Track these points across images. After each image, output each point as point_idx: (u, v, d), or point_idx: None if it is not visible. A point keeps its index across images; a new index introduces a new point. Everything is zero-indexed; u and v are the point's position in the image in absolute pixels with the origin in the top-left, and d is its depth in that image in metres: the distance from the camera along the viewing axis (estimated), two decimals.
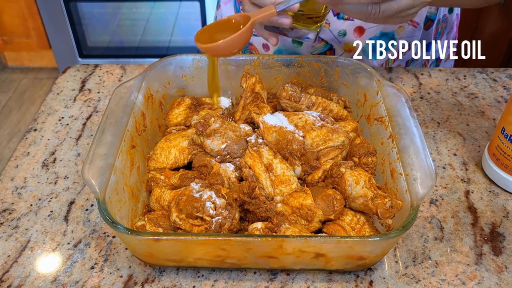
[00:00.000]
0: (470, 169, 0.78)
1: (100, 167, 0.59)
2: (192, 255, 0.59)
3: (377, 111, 0.73)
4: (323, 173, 0.67)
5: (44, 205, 0.72)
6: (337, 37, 0.92)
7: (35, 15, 2.42)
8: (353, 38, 0.92)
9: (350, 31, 0.91)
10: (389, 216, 0.59)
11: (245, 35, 0.63)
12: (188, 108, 0.79)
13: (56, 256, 0.65)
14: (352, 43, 0.93)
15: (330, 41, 0.93)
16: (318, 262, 0.58)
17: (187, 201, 0.59)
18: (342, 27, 0.91)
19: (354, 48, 0.94)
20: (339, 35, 0.91)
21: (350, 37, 0.92)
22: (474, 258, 0.64)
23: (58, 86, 0.97)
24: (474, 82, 0.97)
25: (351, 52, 0.95)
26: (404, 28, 0.93)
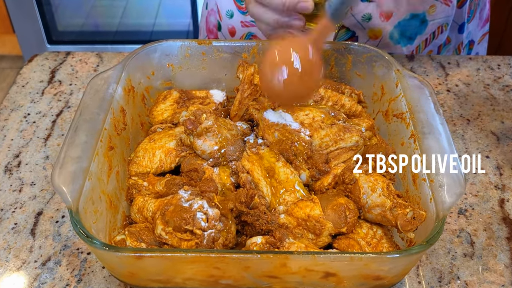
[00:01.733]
0: (505, 174, 0.78)
1: (73, 172, 0.59)
2: (181, 275, 0.59)
3: (396, 106, 0.73)
4: (334, 179, 0.67)
5: (7, 217, 0.72)
6: (361, 22, 0.92)
7: None
8: (379, 22, 0.93)
9: (376, 15, 0.92)
10: (410, 229, 0.59)
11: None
12: (175, 103, 0.79)
13: (21, 276, 0.65)
14: (377, 29, 0.94)
15: (353, 28, 0.94)
16: (328, 283, 0.59)
17: (175, 212, 0.60)
18: (366, 10, 0.91)
19: (380, 35, 0.95)
20: (363, 19, 0.92)
21: (376, 21, 0.93)
22: (510, 278, 0.65)
23: (23, 77, 0.97)
24: (509, 72, 0.97)
25: (377, 39, 0.96)
26: (436, 8, 0.94)
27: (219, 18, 1.03)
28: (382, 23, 0.93)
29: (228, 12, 0.99)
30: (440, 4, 0.94)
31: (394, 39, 0.96)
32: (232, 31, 1.01)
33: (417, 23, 0.95)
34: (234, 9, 0.98)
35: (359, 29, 0.94)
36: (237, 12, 0.98)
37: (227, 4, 0.99)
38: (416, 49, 0.99)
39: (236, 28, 1.00)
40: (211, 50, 0.81)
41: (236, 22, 0.99)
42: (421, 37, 0.97)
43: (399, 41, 0.97)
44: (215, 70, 0.83)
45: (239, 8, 0.97)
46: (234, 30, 1.01)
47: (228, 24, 1.01)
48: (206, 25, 1.10)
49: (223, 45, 0.81)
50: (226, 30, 1.02)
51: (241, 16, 0.98)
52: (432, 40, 0.99)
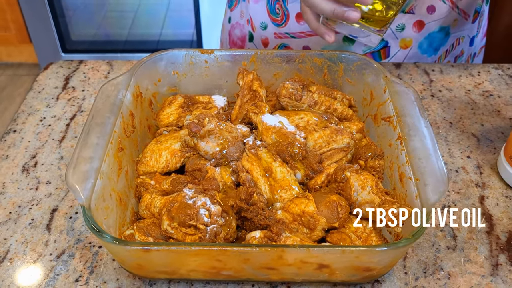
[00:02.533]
0: (485, 173, 0.78)
1: (85, 171, 0.59)
2: (185, 267, 0.59)
3: (384, 110, 0.73)
4: (327, 178, 0.67)
5: (25, 213, 0.72)
6: (395, 32, 0.93)
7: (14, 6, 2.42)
8: (411, 32, 0.94)
9: (409, 25, 0.93)
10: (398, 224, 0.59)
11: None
12: (180, 107, 0.79)
13: (38, 268, 0.65)
14: (409, 39, 0.94)
15: (386, 37, 0.94)
16: (322, 274, 0.59)
17: (180, 208, 0.59)
18: (401, 20, 0.92)
19: (410, 45, 0.95)
20: (397, 29, 0.92)
21: (408, 31, 0.94)
22: (489, 269, 0.65)
23: (39, 84, 0.97)
24: (489, 78, 0.97)
25: (407, 48, 0.96)
26: (458, 22, 0.96)
27: (251, 30, 1.02)
28: (414, 33, 0.94)
29: (262, 24, 0.99)
30: (461, 18, 0.96)
31: (422, 49, 0.97)
32: (265, 42, 1.01)
33: (443, 36, 0.96)
34: (268, 21, 0.98)
35: (392, 39, 0.95)
36: (271, 24, 0.98)
37: (261, 17, 0.98)
38: (438, 59, 1.01)
39: (269, 40, 1.00)
40: (213, 58, 0.81)
41: (269, 33, 0.99)
42: (443, 48, 0.99)
43: (427, 51, 0.98)
44: (217, 77, 0.83)
45: (274, 20, 0.97)
46: (267, 41, 1.00)
47: (262, 35, 1.00)
48: (229, 37, 1.09)
49: (224, 54, 0.81)
50: (259, 41, 1.01)
51: (274, 28, 0.98)
52: (451, 51, 1.01)
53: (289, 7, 0.94)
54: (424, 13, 0.92)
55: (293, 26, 0.95)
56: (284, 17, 0.94)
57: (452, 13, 0.94)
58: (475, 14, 0.99)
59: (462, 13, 0.95)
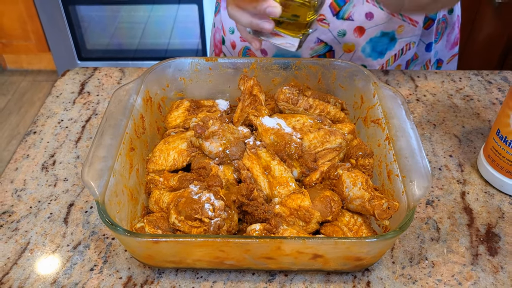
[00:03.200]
0: (466, 171, 0.78)
1: (99, 169, 0.59)
2: (191, 257, 0.59)
3: (374, 113, 0.73)
4: (321, 175, 0.67)
5: (44, 207, 0.72)
6: (337, 37, 0.92)
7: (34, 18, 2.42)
8: (353, 38, 0.92)
9: (350, 31, 0.92)
10: (386, 217, 0.59)
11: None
12: (186, 111, 0.79)
13: (56, 258, 0.65)
14: (351, 44, 0.93)
15: (330, 42, 0.93)
16: (316, 263, 0.59)
17: (186, 203, 0.59)
18: (341, 27, 0.91)
19: (354, 49, 0.94)
20: (338, 35, 0.91)
21: (350, 37, 0.92)
22: (470, 259, 0.65)
23: (57, 89, 0.97)
24: (469, 84, 0.97)
25: (350, 52, 0.95)
26: (404, 28, 0.93)
27: (223, 34, 1.03)
28: (356, 39, 0.93)
29: (230, 28, 1.00)
30: (408, 24, 0.93)
31: (366, 53, 0.96)
32: (233, 45, 1.02)
33: (387, 40, 0.94)
34: (234, 26, 0.99)
35: (335, 44, 0.94)
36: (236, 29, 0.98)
37: (230, 22, 1.00)
38: (386, 62, 0.99)
39: (236, 43, 1.01)
40: (216, 66, 0.81)
41: (236, 37, 1.00)
42: (391, 53, 0.97)
43: (371, 55, 0.96)
44: (220, 82, 0.83)
45: None
46: (235, 44, 1.01)
47: (230, 39, 1.01)
48: (213, 40, 1.10)
49: (226, 62, 0.81)
50: (229, 44, 1.03)
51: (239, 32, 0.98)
52: (400, 55, 0.98)
53: None
54: (363, 20, 0.90)
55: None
56: None
57: (395, 19, 0.91)
58: (428, 21, 0.96)
59: (408, 19, 0.92)
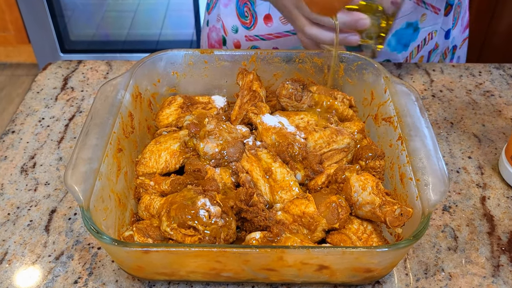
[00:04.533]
0: (486, 173, 0.78)
1: (84, 172, 0.59)
2: (185, 268, 0.59)
3: (385, 111, 0.73)
4: (327, 178, 0.67)
5: (23, 214, 0.72)
6: None
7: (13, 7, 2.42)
8: None
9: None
10: (398, 225, 0.59)
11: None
12: (179, 108, 0.79)
13: (36, 269, 0.65)
14: None
15: None
16: (322, 275, 0.59)
17: (179, 209, 0.59)
18: None
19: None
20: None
21: None
22: (491, 270, 0.65)
23: (38, 84, 0.97)
24: (490, 78, 0.97)
25: None
26: (426, 16, 0.95)
27: (224, 33, 1.03)
28: None
29: (233, 27, 1.00)
30: (430, 12, 0.95)
31: (391, 47, 0.97)
32: (237, 45, 1.02)
33: (411, 31, 0.96)
34: (238, 25, 0.99)
35: None
36: (241, 27, 0.99)
37: (232, 20, 0.99)
38: (410, 55, 1.00)
39: (241, 42, 1.01)
40: (212, 58, 0.81)
41: (240, 36, 1.00)
42: (414, 44, 0.99)
43: (396, 48, 0.98)
44: (217, 77, 0.83)
45: (243, 23, 0.98)
46: (239, 44, 1.01)
47: (234, 38, 1.01)
48: (208, 40, 1.10)
49: (223, 54, 0.81)
50: (232, 45, 1.02)
51: (245, 31, 0.98)
52: (423, 46, 1.00)
53: (257, 10, 0.95)
54: None
55: (261, 28, 0.96)
56: (253, 20, 0.95)
57: (419, 8, 0.94)
58: (447, 7, 0.98)
59: (430, 7, 0.95)
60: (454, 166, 0.79)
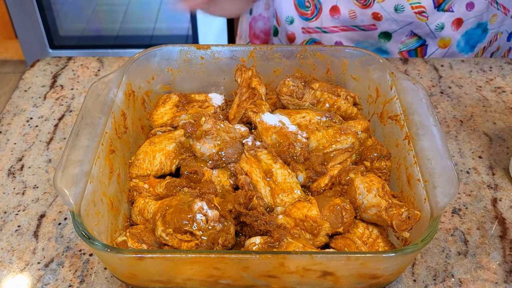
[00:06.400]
0: (498, 174, 0.78)
1: (75, 175, 0.59)
2: (181, 275, 0.59)
3: (391, 108, 0.73)
4: (330, 180, 0.67)
5: (11, 219, 0.72)
6: (434, 31, 0.95)
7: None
8: (450, 31, 0.96)
9: (448, 24, 0.95)
10: (405, 229, 0.59)
11: None
12: (175, 106, 0.79)
13: (25, 277, 0.65)
14: (448, 38, 0.97)
15: (424, 36, 0.97)
16: (326, 282, 0.59)
17: (175, 213, 0.59)
18: (440, 19, 0.94)
19: (449, 44, 0.97)
20: (436, 29, 0.95)
21: (447, 30, 0.96)
22: (503, 276, 0.65)
23: (25, 82, 0.97)
24: (501, 74, 0.97)
25: (445, 48, 0.98)
26: (497, 17, 0.97)
27: (276, 24, 1.02)
28: (453, 32, 0.96)
29: (288, 18, 0.99)
30: (500, 13, 0.97)
31: (460, 48, 0.99)
32: (291, 37, 1.01)
33: (480, 32, 0.98)
34: (295, 15, 0.98)
35: (430, 38, 0.97)
36: (298, 18, 0.98)
37: (288, 10, 0.98)
38: (475, 56, 1.02)
39: (296, 35, 1.00)
40: (209, 54, 0.81)
41: (296, 28, 0.99)
42: (480, 45, 1.01)
43: (463, 49, 1.00)
44: (214, 74, 0.83)
45: (301, 14, 0.97)
46: (294, 36, 1.00)
47: (288, 30, 1.00)
48: (249, 30, 1.09)
49: (221, 50, 0.81)
50: (284, 36, 1.01)
51: (303, 22, 0.98)
52: (488, 47, 1.02)
53: (323, 0, 0.95)
54: (463, 11, 0.94)
55: (325, 20, 0.96)
56: (316, 11, 0.95)
57: (491, 8, 0.96)
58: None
59: (501, 8, 0.96)
60: (464, 166, 0.79)
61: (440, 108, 0.90)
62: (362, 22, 0.94)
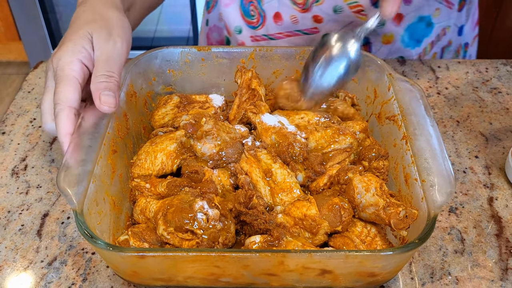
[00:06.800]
0: (494, 173, 0.78)
1: (78, 174, 0.59)
2: (182, 274, 0.59)
3: (389, 109, 0.73)
4: (329, 179, 0.67)
5: (14, 218, 0.72)
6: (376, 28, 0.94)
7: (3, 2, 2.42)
8: (392, 27, 0.95)
9: (389, 20, 0.93)
10: (403, 227, 0.59)
11: None
12: (176, 107, 0.79)
13: (28, 275, 0.65)
14: (390, 34, 0.96)
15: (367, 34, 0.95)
16: (324, 280, 0.59)
17: (176, 212, 0.59)
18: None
19: (392, 39, 0.96)
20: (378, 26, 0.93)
21: (389, 26, 0.94)
22: (499, 274, 0.65)
23: (29, 83, 0.97)
24: (497, 75, 0.97)
25: (389, 43, 0.97)
26: (440, 11, 0.96)
27: (227, 34, 1.02)
28: (395, 27, 0.95)
29: (237, 28, 0.99)
30: (444, 7, 0.96)
31: (405, 43, 0.98)
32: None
33: (424, 26, 0.97)
34: (242, 25, 0.98)
35: (373, 36, 0.96)
36: (246, 27, 0.98)
37: (235, 21, 0.99)
38: (423, 51, 1.01)
39: (246, 43, 1.00)
40: (210, 56, 0.81)
41: (245, 37, 0.99)
42: (427, 40, 0.99)
43: (409, 44, 0.99)
44: (214, 75, 0.83)
45: (248, 23, 0.97)
46: (244, 45, 1.01)
47: (237, 39, 1.01)
48: (207, 41, 1.09)
49: (221, 51, 0.81)
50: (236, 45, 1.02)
51: (250, 31, 0.98)
52: (436, 42, 1.01)
53: (265, 8, 0.94)
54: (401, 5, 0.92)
55: (270, 27, 0.96)
56: (261, 19, 0.95)
57: (431, 2, 0.94)
58: (461, 3, 0.99)
59: (444, 1, 0.95)
60: (461, 166, 0.79)
61: (437, 108, 0.90)
62: (304, 26, 0.93)
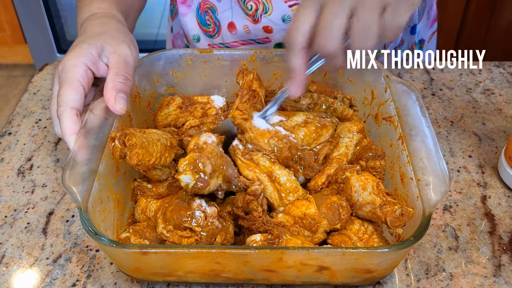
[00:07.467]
0: (487, 172, 0.78)
1: (82, 173, 0.59)
2: (184, 269, 0.59)
3: (385, 110, 0.73)
4: (327, 179, 0.67)
5: (20, 217, 0.72)
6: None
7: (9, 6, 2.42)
8: None
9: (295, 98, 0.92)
10: (399, 225, 0.59)
11: None
12: (178, 108, 0.79)
13: (34, 272, 0.65)
14: None
15: None
16: (322, 276, 0.59)
17: (174, 211, 0.59)
18: None
19: None
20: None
21: None
22: (492, 270, 0.65)
23: (34, 85, 0.97)
24: (490, 77, 0.97)
25: None
26: None
27: (187, 42, 1.02)
28: None
29: (195, 36, 0.98)
30: None
31: None
32: None
33: None
34: (200, 33, 0.97)
35: None
36: (203, 36, 0.97)
37: (193, 29, 0.98)
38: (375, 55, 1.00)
39: None
40: (211, 58, 0.81)
41: (203, 45, 0.98)
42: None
43: None
44: (216, 77, 0.83)
45: (205, 32, 0.97)
46: None
47: (196, 47, 1.00)
48: (173, 47, 1.10)
49: (223, 54, 0.81)
50: None
51: (207, 40, 0.97)
52: (388, 44, 1.00)
53: (220, 18, 0.94)
54: None
55: (226, 36, 0.95)
56: (216, 28, 0.94)
57: None
58: None
59: None
60: (455, 165, 0.80)
61: (432, 109, 0.90)
62: (256, 36, 0.93)
